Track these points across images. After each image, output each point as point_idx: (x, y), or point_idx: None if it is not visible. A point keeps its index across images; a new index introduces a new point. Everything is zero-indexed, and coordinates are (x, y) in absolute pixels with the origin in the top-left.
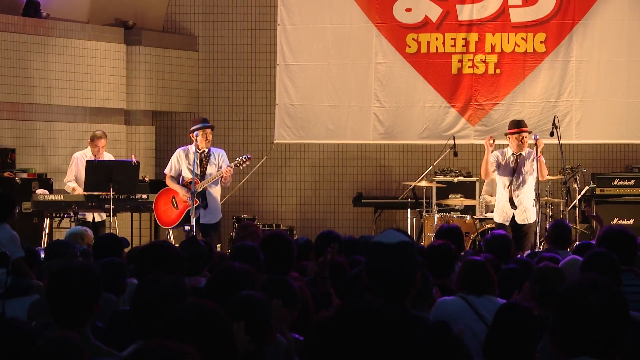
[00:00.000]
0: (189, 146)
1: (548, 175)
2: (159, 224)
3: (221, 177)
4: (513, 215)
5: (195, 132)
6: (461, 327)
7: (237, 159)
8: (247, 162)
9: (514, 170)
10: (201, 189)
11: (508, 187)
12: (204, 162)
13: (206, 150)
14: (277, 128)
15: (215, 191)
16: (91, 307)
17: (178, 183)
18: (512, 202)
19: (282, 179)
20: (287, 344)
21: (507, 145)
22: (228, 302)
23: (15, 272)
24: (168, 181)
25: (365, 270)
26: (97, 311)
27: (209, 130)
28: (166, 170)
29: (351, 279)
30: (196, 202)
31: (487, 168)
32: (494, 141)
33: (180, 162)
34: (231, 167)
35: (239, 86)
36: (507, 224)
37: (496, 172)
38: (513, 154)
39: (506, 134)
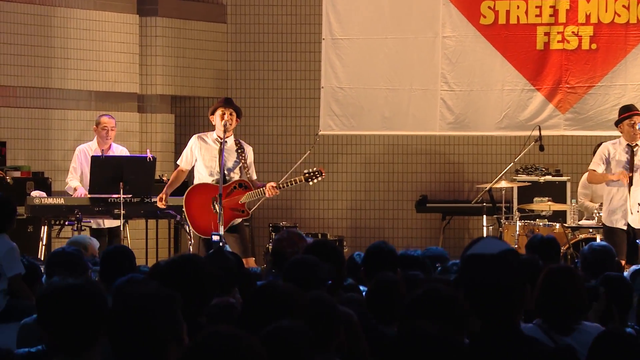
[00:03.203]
0: (210, 132)
1: None
2: (197, 233)
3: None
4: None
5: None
6: None
7: (306, 171)
8: (318, 179)
9: (630, 165)
10: (246, 201)
11: (627, 186)
12: (229, 156)
13: (226, 139)
14: (323, 117)
15: None
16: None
17: (179, 182)
18: (630, 203)
19: (328, 178)
20: None
21: (610, 138)
22: (264, 335)
23: (12, 292)
24: (173, 174)
25: (465, 290)
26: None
27: (230, 112)
28: (178, 161)
29: (411, 302)
30: (203, 205)
31: (601, 180)
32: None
33: (194, 151)
34: (277, 187)
35: (276, 65)
36: (626, 227)
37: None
38: (628, 145)
39: (616, 123)
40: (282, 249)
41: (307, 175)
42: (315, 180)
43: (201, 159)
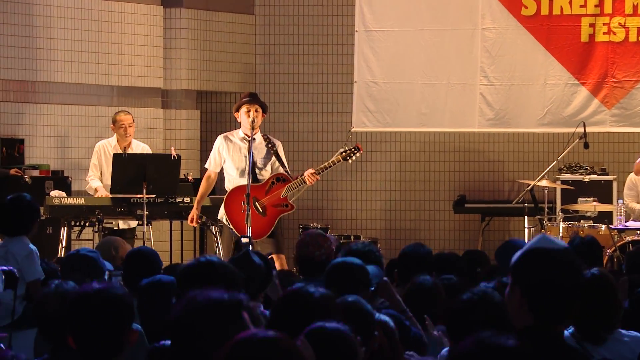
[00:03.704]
0: (235, 131)
1: None
2: (237, 234)
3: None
4: None
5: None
6: None
7: (342, 150)
8: (356, 156)
9: None
10: (287, 194)
11: None
12: (254, 153)
13: (253, 136)
14: (356, 113)
15: None
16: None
17: (209, 189)
18: None
19: (362, 177)
20: None
21: None
22: (306, 335)
23: (30, 298)
24: (202, 183)
25: (521, 288)
26: (131, 342)
27: (255, 108)
28: (206, 164)
29: (462, 309)
30: (243, 208)
31: None
32: None
33: (222, 152)
34: (317, 172)
35: (306, 59)
36: None
37: None
38: None
39: None
40: (309, 253)
41: (344, 153)
42: (354, 157)
43: (230, 159)
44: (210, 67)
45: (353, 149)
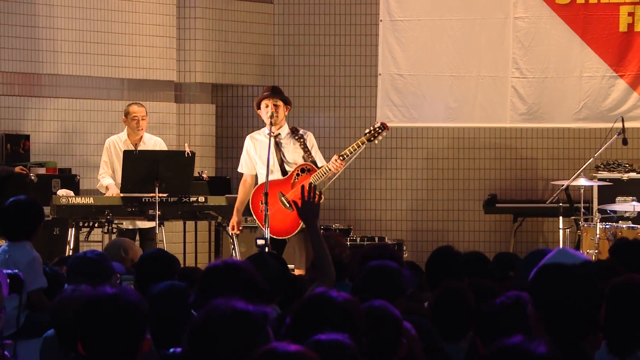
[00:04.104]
0: (262, 129)
1: None
2: (272, 236)
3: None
4: None
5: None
6: None
7: (367, 131)
8: (382, 135)
9: None
10: (316, 182)
11: None
12: (282, 149)
13: (278, 131)
14: (381, 107)
15: None
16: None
17: (248, 194)
18: None
19: (387, 175)
20: None
21: None
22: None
23: (32, 307)
24: (239, 188)
25: (535, 305)
26: (144, 351)
27: (274, 102)
28: (238, 169)
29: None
30: (261, 208)
31: None
32: None
33: (250, 153)
34: (342, 157)
35: (328, 50)
36: None
37: None
38: None
39: None
40: (336, 256)
41: (368, 134)
42: (379, 137)
43: (258, 158)
44: (226, 59)
45: (378, 128)
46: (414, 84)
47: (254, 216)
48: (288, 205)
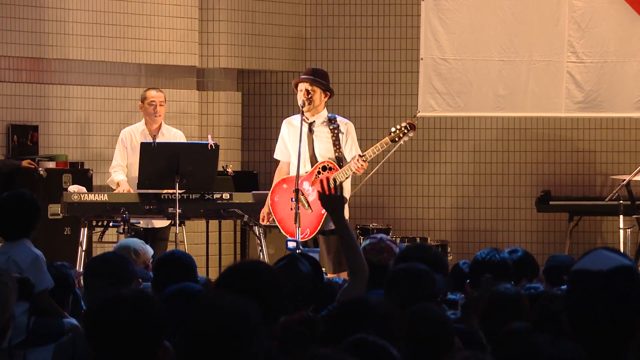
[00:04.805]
0: (297, 115)
1: None
2: (285, 235)
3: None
4: None
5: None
6: None
7: (392, 130)
8: (408, 136)
9: None
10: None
11: None
12: (315, 138)
13: (313, 118)
14: (422, 94)
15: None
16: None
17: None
18: None
19: (429, 170)
20: None
21: None
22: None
23: (39, 310)
24: (275, 176)
25: (566, 310)
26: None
27: (307, 85)
28: (274, 155)
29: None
30: (291, 205)
31: None
32: None
33: (285, 138)
34: (364, 158)
35: (365, 32)
36: None
37: None
38: None
39: None
40: (383, 261)
41: (392, 134)
42: (405, 138)
43: (290, 145)
44: (253, 42)
45: (404, 128)
46: (459, 69)
47: (274, 217)
48: (307, 205)
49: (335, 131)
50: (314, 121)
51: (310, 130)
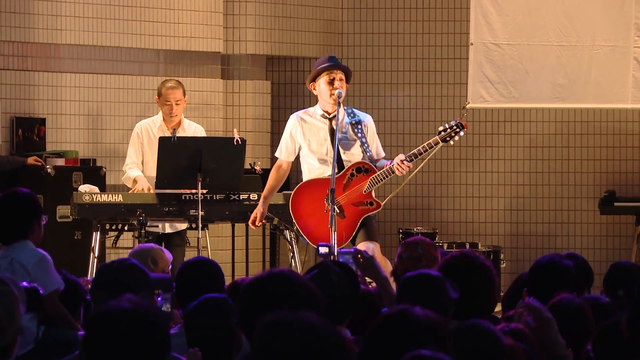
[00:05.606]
0: (310, 108)
1: None
2: (310, 243)
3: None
4: None
5: (317, 81)
6: None
7: (441, 129)
8: (460, 134)
9: None
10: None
11: None
12: (340, 136)
13: (333, 113)
14: (473, 84)
15: None
16: None
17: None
18: None
19: (479, 167)
20: None
21: None
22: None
23: (48, 319)
24: (271, 174)
25: (627, 321)
26: None
27: (339, 76)
28: (276, 153)
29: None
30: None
31: None
32: None
33: (296, 136)
34: (408, 159)
35: (408, 14)
36: None
37: None
38: None
39: None
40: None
41: (443, 133)
42: (456, 138)
43: (306, 144)
44: (283, 26)
45: (455, 127)
46: (513, 55)
47: (295, 223)
48: (338, 212)
49: (359, 126)
50: (335, 116)
51: (333, 128)
